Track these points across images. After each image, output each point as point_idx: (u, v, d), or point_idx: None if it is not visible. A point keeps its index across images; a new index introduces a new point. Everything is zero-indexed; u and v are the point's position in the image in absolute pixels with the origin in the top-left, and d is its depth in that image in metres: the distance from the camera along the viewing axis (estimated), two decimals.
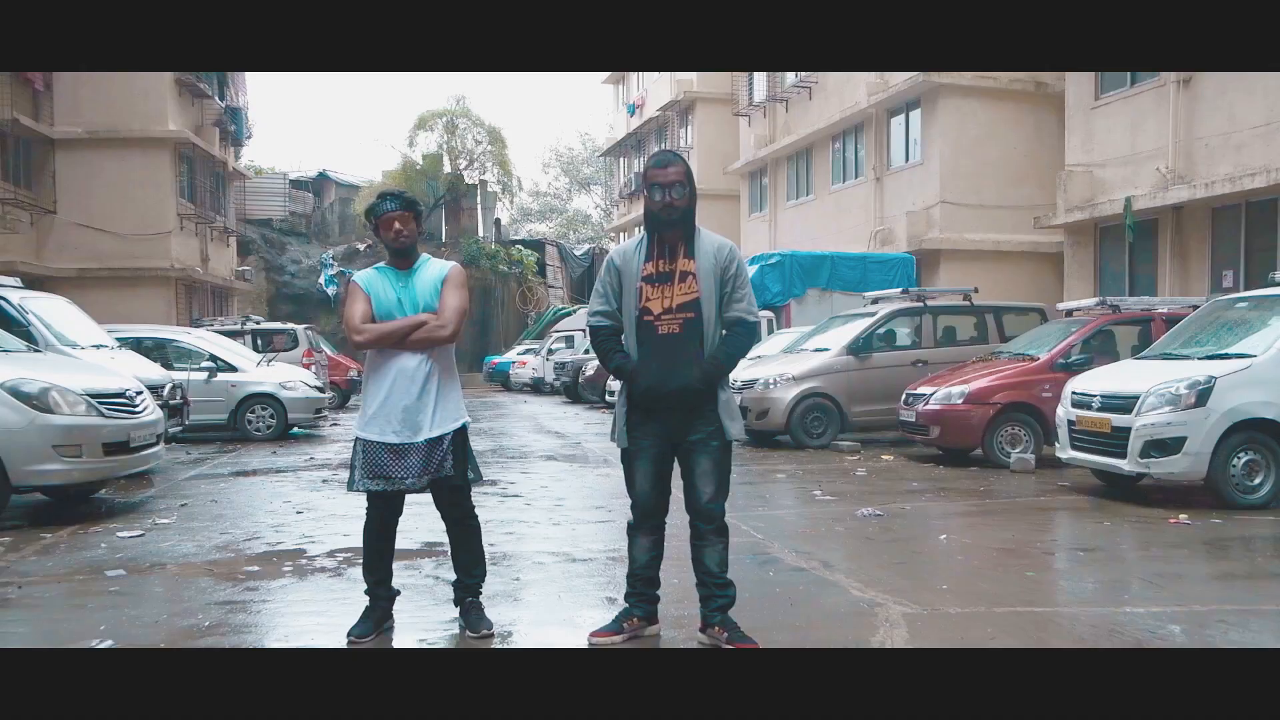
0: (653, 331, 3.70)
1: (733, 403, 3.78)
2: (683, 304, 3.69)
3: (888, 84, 19.78)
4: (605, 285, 3.83)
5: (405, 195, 3.94)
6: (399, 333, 3.80)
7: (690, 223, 3.76)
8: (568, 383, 23.71)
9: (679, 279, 3.70)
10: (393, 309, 3.86)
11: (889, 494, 8.03)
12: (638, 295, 3.72)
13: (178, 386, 10.38)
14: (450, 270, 3.99)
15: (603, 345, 3.83)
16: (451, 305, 3.87)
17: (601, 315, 3.83)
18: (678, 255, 3.73)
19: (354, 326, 3.82)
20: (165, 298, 22.63)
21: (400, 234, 3.87)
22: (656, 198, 3.69)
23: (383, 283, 3.92)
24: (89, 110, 21.89)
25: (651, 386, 3.68)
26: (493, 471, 9.75)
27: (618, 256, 3.84)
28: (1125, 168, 14.42)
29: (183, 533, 6.43)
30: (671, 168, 3.70)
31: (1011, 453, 9.65)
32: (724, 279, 3.73)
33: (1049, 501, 7.66)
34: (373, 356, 3.89)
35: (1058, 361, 9.78)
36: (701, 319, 3.69)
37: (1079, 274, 15.52)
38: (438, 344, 3.85)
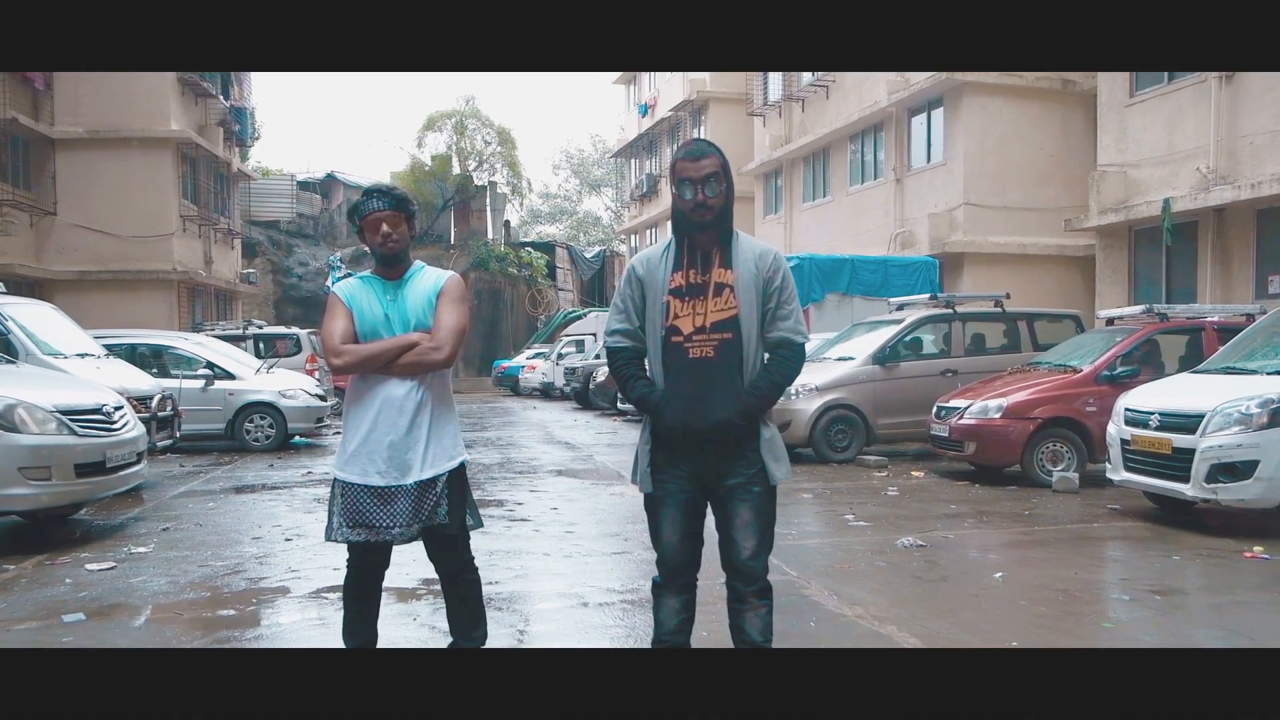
0: (682, 355, 3.10)
1: (778, 441, 3.18)
2: (718, 322, 3.09)
3: (909, 82, 19.14)
4: (625, 300, 3.20)
5: (395, 191, 3.34)
6: (385, 355, 3.21)
7: (727, 226, 3.16)
8: (578, 388, 23.16)
9: (713, 293, 3.11)
10: (378, 326, 3.28)
11: (926, 518, 7.43)
12: (664, 312, 3.12)
13: (168, 397, 9.84)
14: (447, 282, 3.39)
15: (622, 371, 3.21)
16: (448, 323, 3.28)
17: (621, 335, 3.20)
18: (712, 264, 3.13)
19: (332, 347, 3.24)
20: (167, 301, 22.17)
21: (389, 238, 3.28)
22: (687, 196, 3.09)
23: (367, 295, 3.34)
24: (89, 110, 21.45)
25: (681, 422, 3.07)
26: (500, 489, 9.18)
27: (640, 265, 3.23)
28: (1162, 168, 13.77)
29: (158, 565, 5.87)
30: (705, 159, 3.09)
31: (1053, 471, 9.03)
32: (767, 292, 3.13)
33: (1102, 529, 7.04)
34: (354, 383, 3.31)
35: (1102, 373, 9.16)
36: (740, 340, 3.09)
37: (1112, 279, 14.87)
38: (431, 369, 3.27)
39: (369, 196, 3.31)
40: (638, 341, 3.21)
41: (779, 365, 3.14)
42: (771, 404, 3.15)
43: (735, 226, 3.21)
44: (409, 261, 3.41)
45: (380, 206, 3.28)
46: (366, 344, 3.25)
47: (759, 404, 3.10)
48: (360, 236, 3.36)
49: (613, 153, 43.84)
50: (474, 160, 39.49)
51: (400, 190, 3.38)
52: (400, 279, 3.36)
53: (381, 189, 3.34)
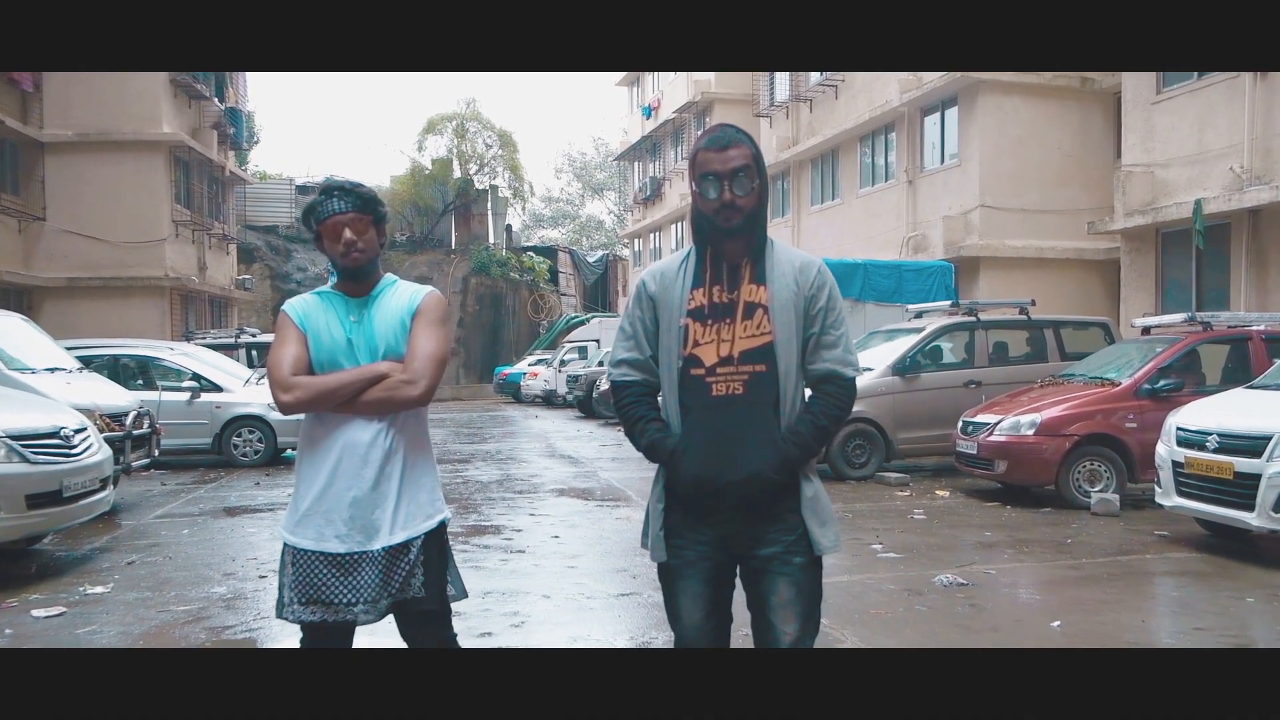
0: (704, 392, 2.49)
1: (823, 499, 2.56)
2: (749, 352, 2.48)
3: (921, 81, 18.55)
4: (634, 323, 2.60)
5: (360, 189, 2.73)
6: (347, 390, 2.60)
7: (759, 232, 2.56)
8: (581, 396, 22.58)
9: (743, 315, 2.50)
10: (339, 354, 2.67)
11: (960, 548, 6.82)
12: (682, 337, 2.51)
13: (144, 414, 9.25)
14: (424, 299, 2.76)
15: (630, 411, 2.58)
16: (424, 351, 2.66)
17: (628, 366, 2.59)
18: (741, 280, 2.53)
19: (280, 379, 2.62)
20: (159, 309, 21.59)
21: (352, 247, 2.67)
22: (710, 195, 2.47)
23: (326, 315, 2.73)
24: (79, 112, 20.87)
25: (703, 476, 2.46)
26: (498, 511, 8.59)
27: (652, 281, 2.60)
28: (1192, 168, 13.16)
29: (113, 610, 5.27)
30: (733, 149, 2.47)
31: (1091, 492, 8.42)
32: (809, 314, 2.52)
33: (1156, 562, 6.43)
34: (308, 425, 2.71)
35: (1142, 387, 8.55)
36: (776, 374, 2.48)
37: (1138, 284, 14.25)
38: (403, 407, 2.65)
39: (328, 195, 2.70)
40: (649, 374, 2.59)
41: (825, 405, 2.52)
42: (815, 454, 2.52)
43: None
44: (378, 274, 2.79)
45: (342, 208, 2.67)
46: (324, 376, 2.64)
47: (800, 454, 2.47)
48: (318, 244, 2.75)
49: (616, 156, 43.30)
50: (475, 164, 38.93)
51: (366, 188, 2.76)
52: (367, 296, 2.75)
53: (344, 186, 2.71)
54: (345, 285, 2.76)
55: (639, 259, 38.37)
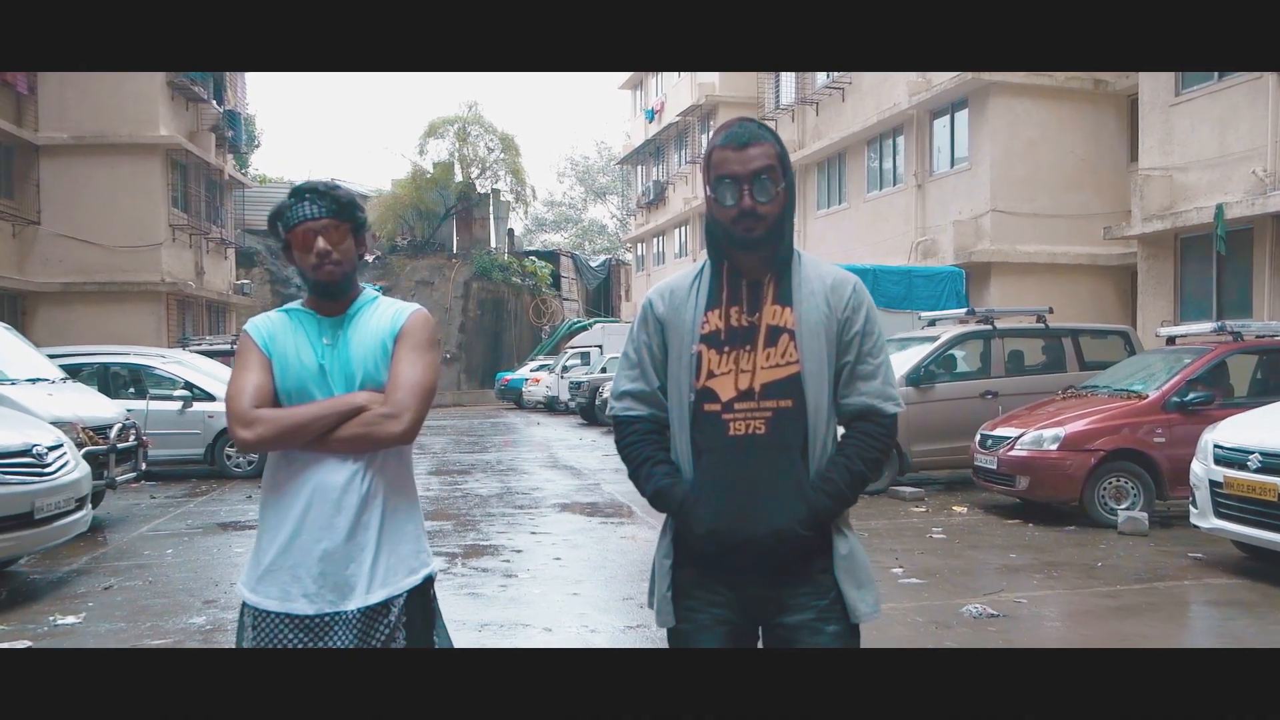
0: (720, 431, 2.12)
1: (859, 557, 2.16)
2: (773, 384, 2.12)
3: (930, 83, 18.20)
4: (640, 349, 2.24)
5: (335, 192, 2.34)
6: (318, 425, 2.22)
7: (785, 244, 2.18)
8: (583, 403, 22.23)
9: (765, 340, 2.14)
10: (309, 383, 2.29)
11: (986, 573, 6.45)
12: (695, 367, 2.14)
13: (130, 426, 8.90)
14: (410, 319, 2.37)
15: (634, 451, 2.22)
16: (409, 380, 2.27)
17: (632, 400, 2.24)
18: (763, 299, 2.16)
19: (240, 412, 2.24)
20: (155, 314, 21.28)
21: (326, 258, 2.29)
22: (728, 201, 2.09)
23: (294, 337, 2.35)
24: (75, 115, 20.58)
25: (718, 530, 2.09)
26: (497, 529, 8.23)
27: (660, 300, 2.25)
28: (1212, 171, 12.79)
29: (83, 643, 4.91)
30: (754, 147, 2.09)
31: (1117, 510, 8.05)
32: (843, 340, 2.15)
33: (1195, 589, 6.06)
34: (273, 466, 2.33)
35: (1170, 400, 8.18)
36: (805, 409, 2.11)
37: (1156, 291, 13.88)
38: (383, 445, 2.26)
39: (299, 199, 2.31)
40: (656, 408, 2.22)
41: (861, 446, 2.13)
42: (850, 504, 2.14)
43: None
44: (355, 290, 2.41)
45: (314, 213, 2.28)
46: (291, 408, 2.27)
47: (832, 504, 2.10)
48: (285, 254, 2.37)
49: (619, 159, 43.00)
50: (477, 167, 38.62)
51: (343, 190, 2.37)
52: (343, 315, 2.37)
53: (317, 188, 2.32)
54: (317, 303, 2.38)
55: (642, 264, 38.06)
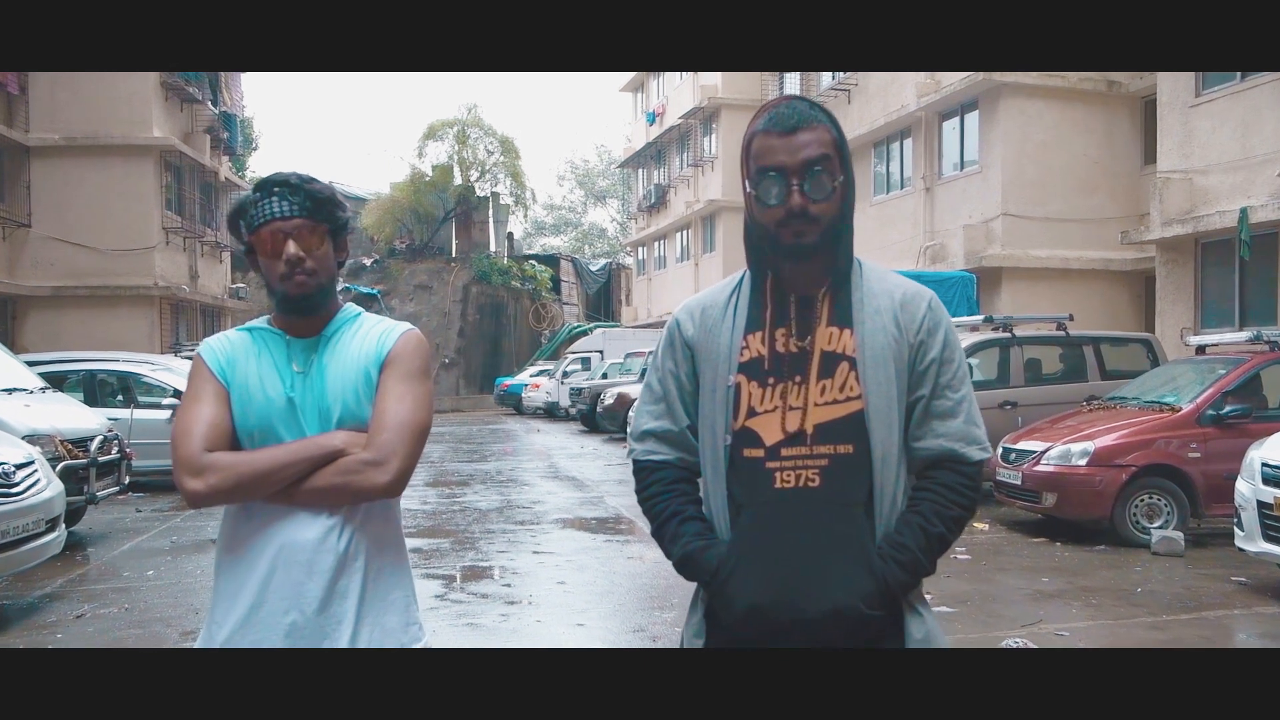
0: (764, 483, 1.72)
1: (937, 639, 1.76)
2: (830, 424, 1.71)
3: (939, 84, 17.82)
4: (665, 378, 1.85)
5: (312, 187, 1.90)
6: (286, 473, 1.81)
7: (844, 250, 1.77)
8: (584, 410, 21.84)
9: (820, 370, 1.73)
10: (275, 420, 1.87)
11: (1020, 599, 6.05)
12: (731, 403, 1.76)
13: (113, 438, 8.49)
14: (399, 344, 1.94)
15: (658, 504, 1.83)
16: (396, 419, 1.86)
17: (656, 440, 1.85)
18: (817, 320, 1.75)
19: (189, 457, 1.81)
20: (148, 318, 20.87)
21: (298, 266, 1.86)
22: (771, 200, 1.69)
23: (259, 363, 1.92)
24: (67, 116, 20.20)
25: (761, 608, 1.69)
26: (497, 548, 7.82)
27: (689, 319, 1.85)
28: (1235, 174, 12.40)
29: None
30: (806, 131, 1.69)
31: (1150, 529, 7.64)
32: (916, 368, 1.75)
33: (1246, 619, 5.66)
34: (231, 520, 1.92)
35: (1205, 413, 7.78)
36: (869, 456, 1.70)
37: (1175, 297, 13.48)
38: (366, 497, 1.85)
39: (266, 193, 1.87)
40: (685, 452, 1.83)
41: (940, 501, 1.73)
42: (927, 573, 1.73)
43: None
44: (334, 305, 1.98)
45: (285, 210, 1.86)
46: (253, 453, 1.85)
47: (905, 576, 1.69)
48: (249, 260, 1.96)
49: (619, 163, 42.64)
50: (476, 170, 38.24)
51: (321, 184, 1.92)
52: (318, 336, 1.95)
53: (289, 180, 1.88)
54: (287, 321, 1.95)
55: (643, 267, 37.66)
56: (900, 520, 1.73)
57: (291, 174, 1.91)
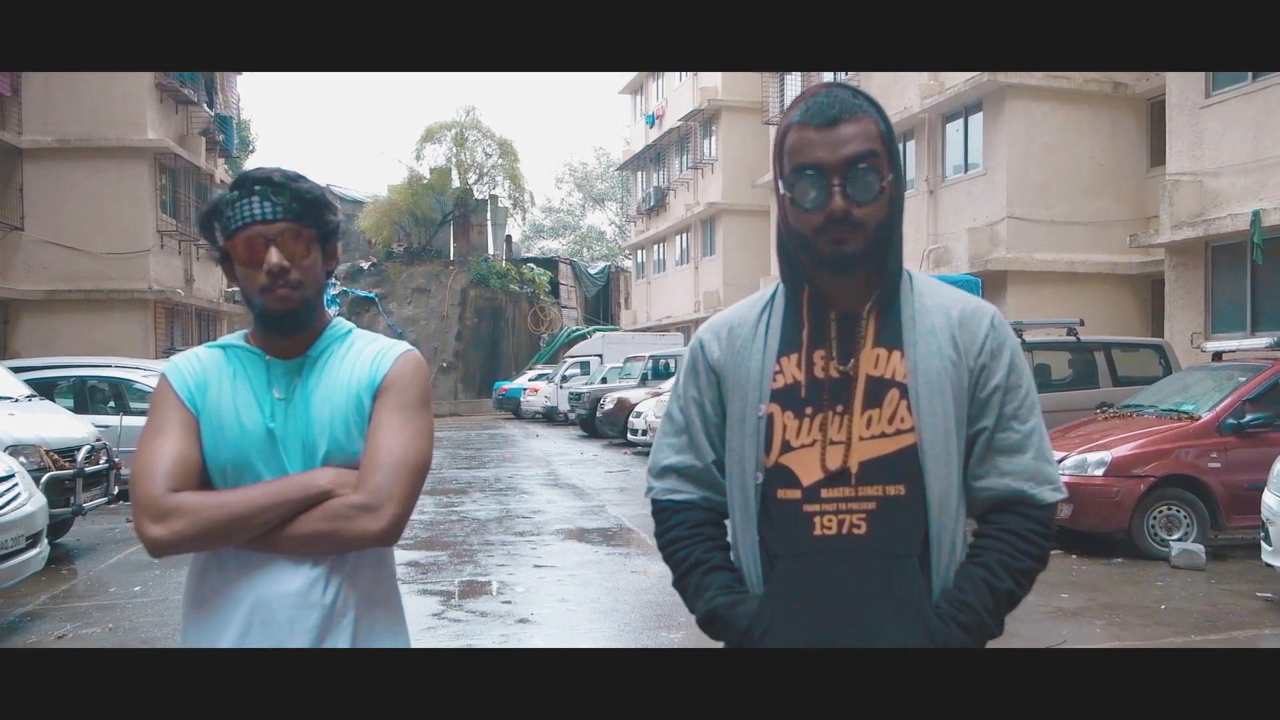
0: (801, 529, 1.50)
1: None
2: (878, 462, 1.49)
3: (943, 85, 17.63)
4: (688, 407, 1.63)
5: (298, 185, 1.64)
6: (264, 517, 1.56)
7: (892, 261, 1.55)
8: (584, 415, 21.61)
9: (866, 399, 1.51)
10: (252, 454, 1.64)
11: (1040, 616, 5.82)
12: (762, 436, 1.54)
13: (101, 448, 8.25)
14: (395, 367, 1.70)
15: (680, 551, 1.61)
16: (392, 454, 1.62)
17: (678, 478, 1.63)
18: (862, 340, 1.53)
19: (150, 498, 1.56)
20: (142, 322, 20.62)
21: (281, 278, 1.62)
22: (810, 203, 1.47)
23: (234, 387, 1.67)
24: (60, 117, 19.94)
25: None
26: (496, 561, 7.59)
27: (715, 340, 1.63)
28: (1246, 176, 12.21)
29: None
30: (849, 124, 1.47)
31: (1169, 541, 7.43)
32: (976, 395, 1.53)
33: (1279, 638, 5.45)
34: (200, 570, 1.68)
35: (1225, 421, 7.56)
36: (924, 498, 1.49)
37: (1185, 301, 13.28)
38: (357, 545, 1.61)
39: (245, 192, 1.62)
40: (711, 491, 1.62)
41: (1006, 550, 1.50)
42: (993, 635, 1.51)
43: (749, 244, 2.27)
44: (321, 322, 1.74)
45: (266, 213, 1.60)
46: (225, 493, 1.61)
47: (968, 637, 1.47)
48: (224, 269, 1.71)
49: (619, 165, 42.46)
50: (474, 173, 38.04)
51: (309, 183, 1.67)
52: (303, 357, 1.70)
53: (271, 178, 1.63)
54: (267, 339, 1.70)
55: (642, 270, 37.47)
56: (961, 574, 1.51)
57: (275, 170, 1.66)
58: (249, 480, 1.62)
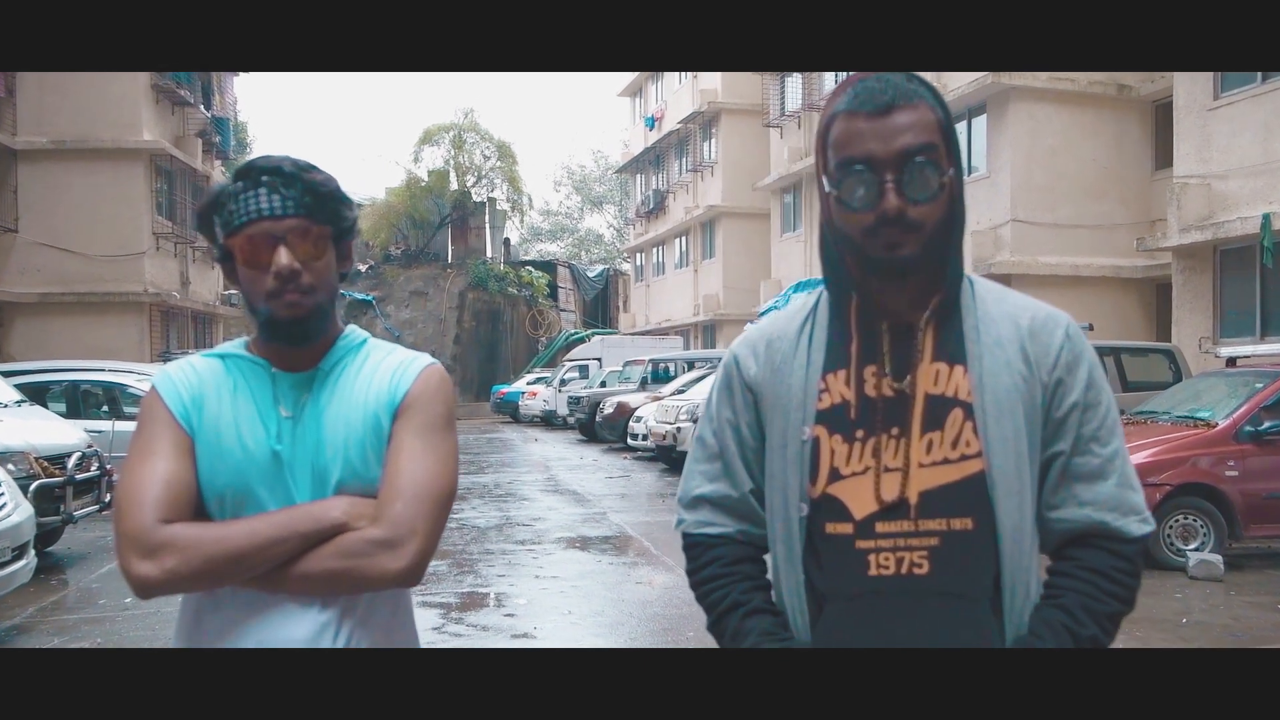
0: (855, 568, 1.34)
1: None
2: (941, 491, 1.32)
3: (946, 88, 17.44)
4: (722, 430, 1.47)
5: (310, 175, 1.45)
6: (269, 554, 1.37)
7: (952, 266, 1.37)
8: (583, 419, 21.44)
9: (925, 420, 1.34)
10: (254, 480, 1.44)
11: None
12: (807, 463, 1.37)
13: (92, 455, 8.06)
14: (419, 382, 1.52)
15: (715, 591, 1.44)
16: (413, 481, 1.44)
17: (712, 509, 1.46)
18: (919, 355, 1.36)
19: (137, 530, 1.35)
20: (138, 326, 20.44)
21: (292, 282, 1.42)
22: (860, 201, 1.29)
23: (234, 402, 1.48)
24: (55, 118, 19.76)
25: None
26: (497, 571, 7.42)
27: (751, 355, 1.46)
28: (1255, 179, 12.07)
29: None
30: (903, 111, 1.29)
31: (1186, 551, 7.26)
32: (1051, 414, 1.35)
33: None
34: (193, 610, 1.48)
35: (1243, 428, 7.40)
36: (995, 531, 1.32)
37: (1193, 306, 13.14)
38: (374, 586, 1.42)
39: (252, 183, 1.42)
40: (749, 523, 1.45)
41: (1089, 591, 1.32)
42: None
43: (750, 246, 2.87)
44: (334, 330, 1.53)
45: (275, 208, 1.41)
46: (224, 525, 1.42)
47: None
48: (225, 269, 1.49)
49: (617, 168, 42.34)
50: (472, 175, 37.88)
51: (321, 174, 1.48)
52: (314, 370, 1.50)
53: (280, 168, 1.43)
54: (273, 349, 1.50)
55: (641, 274, 37.33)
56: (1037, 619, 1.33)
57: (284, 159, 1.46)
58: (250, 510, 1.43)
